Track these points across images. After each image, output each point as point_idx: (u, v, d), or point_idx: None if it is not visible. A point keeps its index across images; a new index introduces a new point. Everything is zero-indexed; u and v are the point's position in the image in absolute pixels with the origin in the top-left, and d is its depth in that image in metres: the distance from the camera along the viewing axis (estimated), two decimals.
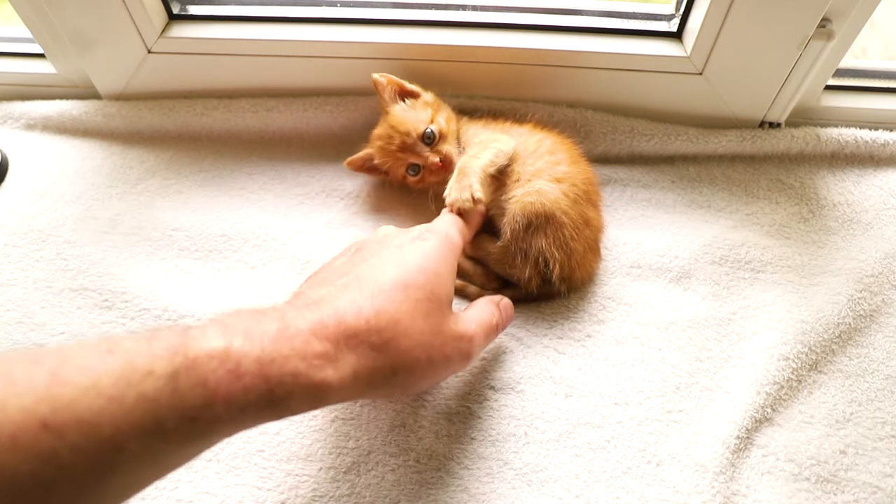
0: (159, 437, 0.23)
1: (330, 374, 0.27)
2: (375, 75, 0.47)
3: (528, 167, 0.44)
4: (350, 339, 0.28)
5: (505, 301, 0.39)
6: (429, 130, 0.45)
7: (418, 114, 0.46)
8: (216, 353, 0.25)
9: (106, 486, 0.22)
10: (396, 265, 0.32)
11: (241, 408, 0.25)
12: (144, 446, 0.22)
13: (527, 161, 0.44)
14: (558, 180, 0.43)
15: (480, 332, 0.35)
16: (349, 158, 0.49)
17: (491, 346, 0.43)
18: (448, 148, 0.45)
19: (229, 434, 0.26)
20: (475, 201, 0.39)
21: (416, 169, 0.46)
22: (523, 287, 0.44)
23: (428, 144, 0.45)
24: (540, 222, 0.41)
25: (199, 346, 0.25)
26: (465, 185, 0.40)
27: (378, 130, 0.48)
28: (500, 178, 0.44)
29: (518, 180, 0.43)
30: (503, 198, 0.44)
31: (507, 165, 0.44)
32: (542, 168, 0.44)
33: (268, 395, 0.25)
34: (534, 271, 0.42)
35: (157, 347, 0.24)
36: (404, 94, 0.48)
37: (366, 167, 0.49)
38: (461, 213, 0.40)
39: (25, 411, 0.20)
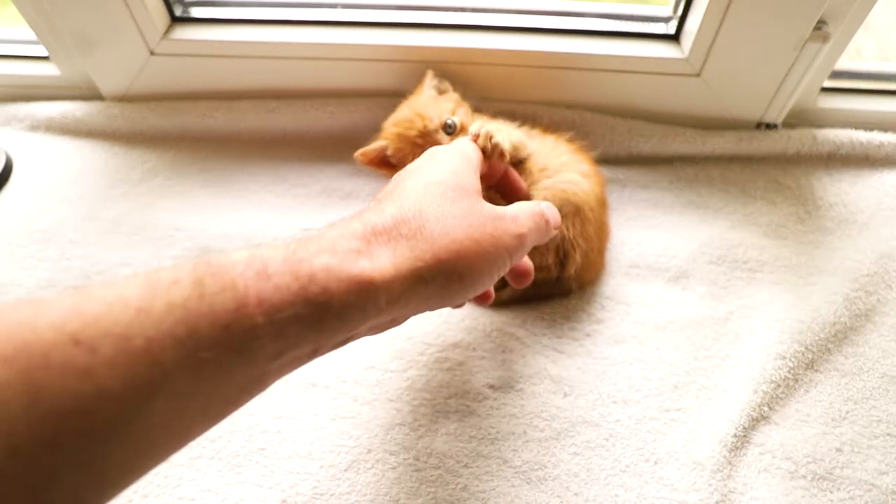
0: (195, 348, 0.21)
1: (366, 265, 0.25)
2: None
3: (554, 159, 0.45)
4: (379, 235, 0.27)
5: (548, 203, 0.36)
6: (451, 121, 0.44)
7: (443, 104, 0.46)
8: (241, 258, 0.23)
9: (150, 408, 0.21)
10: (414, 175, 0.31)
11: (278, 309, 0.23)
12: (181, 359, 0.21)
13: (550, 154, 0.45)
14: (585, 176, 0.44)
15: (525, 213, 0.32)
16: (361, 150, 0.46)
17: (490, 344, 0.44)
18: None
19: (277, 355, 0.23)
20: (494, 144, 0.37)
21: None
22: (537, 275, 0.43)
23: (448, 134, 0.45)
24: (569, 211, 0.42)
25: (223, 256, 0.23)
26: (492, 129, 0.38)
27: (397, 116, 0.47)
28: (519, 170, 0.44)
29: (545, 170, 0.44)
30: (530, 188, 0.44)
31: (521, 162, 0.44)
32: (568, 162, 0.45)
33: (302, 294, 0.23)
34: (555, 259, 0.43)
35: (180, 264, 0.23)
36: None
37: (377, 160, 0.47)
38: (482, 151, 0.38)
39: (55, 328, 0.19)
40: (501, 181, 0.40)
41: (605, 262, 0.47)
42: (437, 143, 0.43)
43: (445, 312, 0.45)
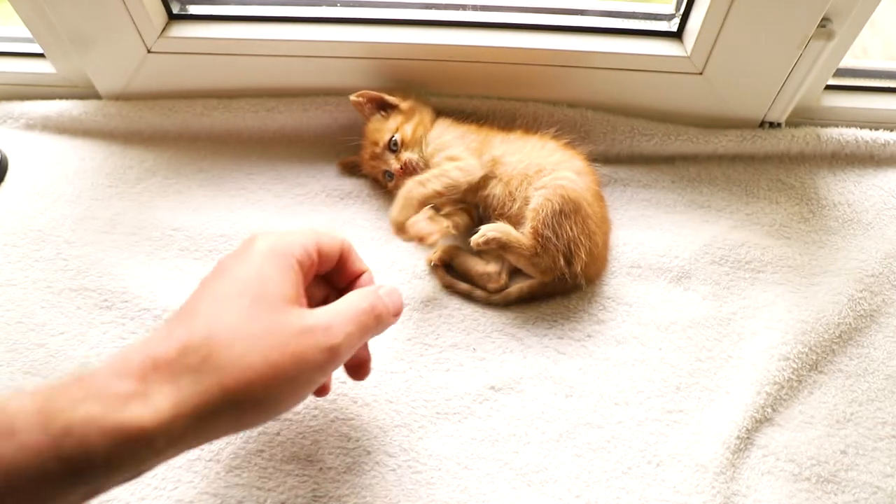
0: None
1: (137, 410, 0.23)
2: (352, 97, 0.49)
3: (546, 158, 0.45)
4: (160, 370, 0.24)
5: (387, 288, 0.33)
6: (393, 139, 0.48)
7: (388, 124, 0.49)
8: None
9: None
10: (215, 283, 0.29)
11: (22, 468, 0.21)
12: None
13: (541, 154, 0.46)
14: (580, 173, 0.44)
15: (344, 321, 0.29)
16: (341, 160, 0.52)
17: (491, 345, 0.43)
18: (408, 155, 0.47)
19: None
20: (400, 229, 0.43)
21: (390, 175, 0.49)
22: (540, 277, 0.44)
23: (394, 152, 0.48)
24: (570, 209, 0.42)
25: None
26: (398, 209, 0.44)
27: (362, 148, 0.51)
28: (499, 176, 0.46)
29: (541, 171, 0.44)
30: (531, 189, 0.44)
31: (485, 180, 0.46)
32: (561, 160, 0.45)
33: (54, 449, 0.22)
34: (561, 259, 0.43)
35: None
36: (385, 105, 0.50)
37: (356, 170, 0.52)
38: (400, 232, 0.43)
39: None
40: (337, 267, 0.35)
41: (609, 256, 0.47)
42: (386, 161, 0.48)
43: (445, 312, 0.45)
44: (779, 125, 0.54)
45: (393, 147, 0.47)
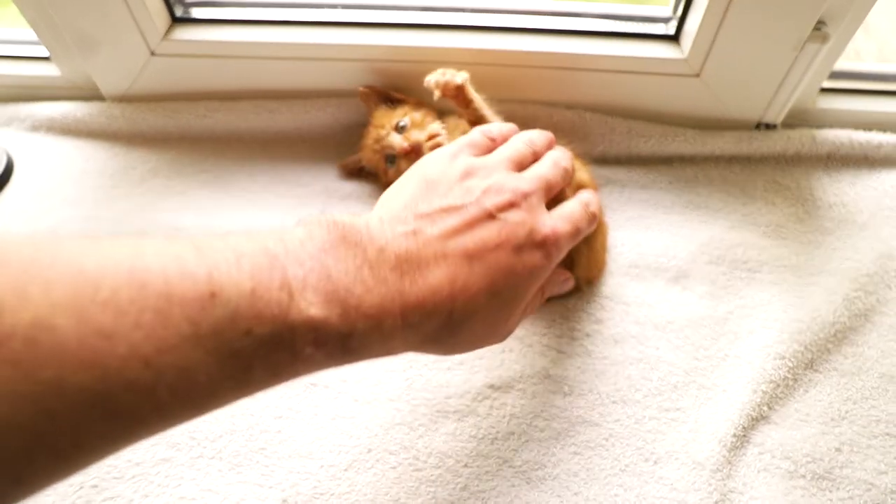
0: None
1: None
2: (360, 88, 0.50)
3: None
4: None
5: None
6: (401, 122, 0.47)
7: (396, 111, 0.49)
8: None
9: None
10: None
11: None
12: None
13: None
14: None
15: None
16: (342, 161, 0.52)
17: (492, 346, 0.43)
18: (417, 133, 0.46)
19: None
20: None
21: (392, 160, 0.47)
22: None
23: (399, 132, 0.47)
24: None
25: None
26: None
27: (365, 132, 0.51)
28: None
29: None
30: None
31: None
32: None
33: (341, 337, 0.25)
34: (560, 265, 0.43)
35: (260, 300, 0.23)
36: (391, 100, 0.51)
37: (355, 170, 0.52)
38: (446, 93, 0.43)
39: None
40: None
41: (607, 258, 0.47)
42: (391, 144, 0.47)
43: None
44: (775, 127, 0.54)
45: (400, 128, 0.47)
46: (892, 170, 0.53)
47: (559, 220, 0.34)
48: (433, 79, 0.43)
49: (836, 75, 0.53)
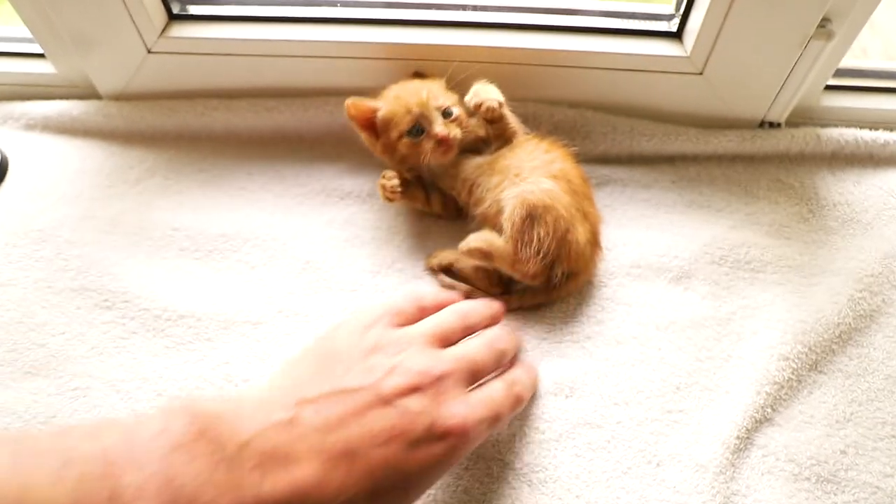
0: None
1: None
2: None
3: (527, 164, 0.45)
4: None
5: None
6: (454, 109, 0.46)
7: (451, 94, 0.47)
8: None
9: None
10: None
11: None
12: None
13: (524, 160, 0.45)
14: (555, 176, 0.44)
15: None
16: (353, 100, 0.45)
17: None
18: (456, 131, 0.45)
19: None
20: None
21: (418, 132, 0.45)
22: (530, 283, 0.44)
23: (445, 118, 0.45)
24: (538, 213, 0.42)
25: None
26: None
27: (403, 84, 0.47)
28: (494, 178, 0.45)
29: (518, 175, 0.44)
30: (504, 194, 0.44)
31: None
32: (539, 166, 0.44)
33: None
34: (539, 266, 0.42)
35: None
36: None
37: (363, 118, 0.46)
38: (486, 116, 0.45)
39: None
40: None
41: (602, 248, 0.45)
42: (430, 119, 0.44)
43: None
44: (778, 125, 0.54)
45: (447, 114, 0.45)
46: None
47: (476, 406, 0.30)
48: (472, 102, 0.45)
49: (841, 73, 0.53)
